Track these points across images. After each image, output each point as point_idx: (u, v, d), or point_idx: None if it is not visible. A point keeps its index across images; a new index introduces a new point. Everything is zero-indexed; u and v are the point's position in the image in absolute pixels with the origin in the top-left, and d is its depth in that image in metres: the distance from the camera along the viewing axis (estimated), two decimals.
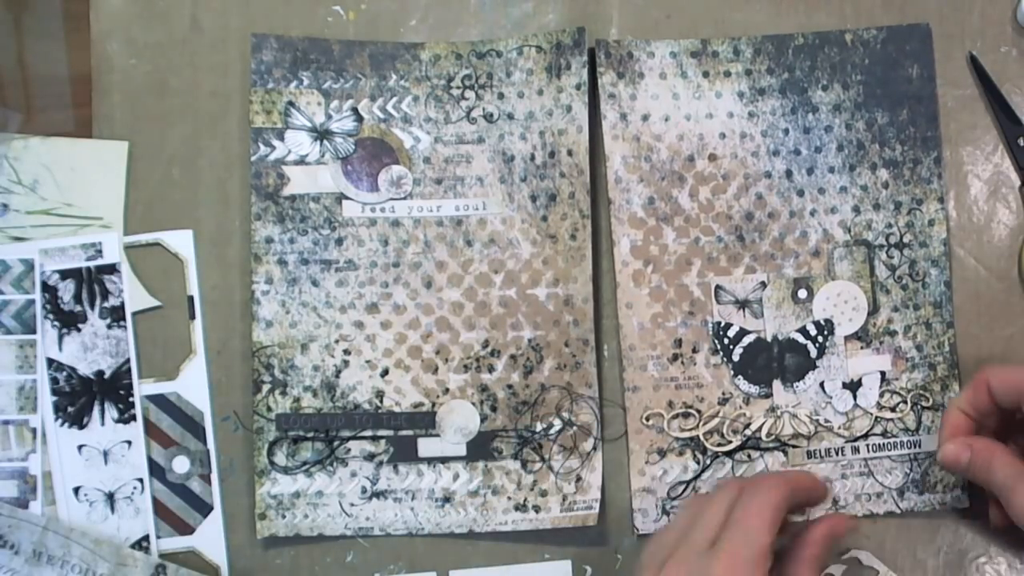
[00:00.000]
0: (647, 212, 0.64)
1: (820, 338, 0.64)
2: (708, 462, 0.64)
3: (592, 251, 0.63)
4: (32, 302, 0.63)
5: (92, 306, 0.63)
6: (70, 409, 0.63)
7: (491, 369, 0.64)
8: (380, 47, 0.65)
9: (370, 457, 0.63)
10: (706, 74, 0.65)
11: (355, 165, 0.64)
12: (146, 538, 0.63)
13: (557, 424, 0.63)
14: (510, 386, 0.64)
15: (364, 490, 0.63)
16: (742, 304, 0.64)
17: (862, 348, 0.64)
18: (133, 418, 0.63)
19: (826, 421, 0.64)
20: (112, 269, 0.63)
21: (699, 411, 0.64)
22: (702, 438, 0.64)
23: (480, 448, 0.64)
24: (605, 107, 0.64)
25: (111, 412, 0.63)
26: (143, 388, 0.64)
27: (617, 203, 0.64)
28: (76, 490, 0.63)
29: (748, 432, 0.64)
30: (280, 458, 0.63)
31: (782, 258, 0.64)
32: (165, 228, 0.64)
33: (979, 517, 0.63)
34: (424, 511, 0.63)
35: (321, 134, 0.64)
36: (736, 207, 0.65)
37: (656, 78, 0.65)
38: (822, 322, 0.64)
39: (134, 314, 0.64)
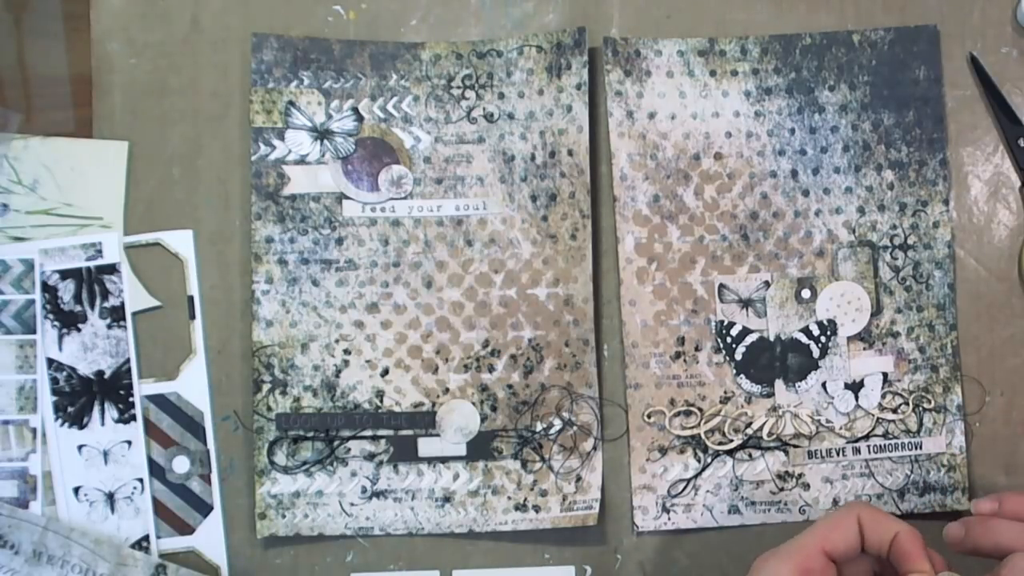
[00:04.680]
0: (652, 210, 0.64)
1: (823, 338, 0.64)
2: (709, 460, 0.64)
3: (592, 251, 0.63)
4: (32, 302, 0.63)
5: (92, 306, 0.63)
6: (70, 409, 0.63)
7: (491, 369, 0.64)
8: (380, 47, 0.65)
9: (370, 457, 0.63)
10: (713, 73, 0.65)
11: (355, 165, 0.64)
12: (146, 538, 0.63)
13: (557, 424, 0.63)
14: (510, 386, 0.64)
15: (364, 490, 0.63)
16: (745, 303, 0.64)
17: (865, 349, 0.64)
18: (133, 418, 0.63)
19: (827, 421, 0.64)
20: (112, 269, 0.63)
21: (701, 409, 0.64)
22: (703, 436, 0.64)
23: (480, 448, 0.63)
24: (611, 104, 0.64)
25: (111, 412, 0.63)
26: (143, 388, 0.64)
27: (622, 200, 0.64)
28: (76, 490, 0.63)
29: (749, 431, 0.64)
30: (280, 458, 0.63)
31: (786, 258, 0.64)
32: (165, 228, 0.64)
33: None
34: (424, 511, 0.63)
35: (321, 134, 0.64)
36: (741, 206, 0.64)
37: (663, 76, 0.64)
38: (825, 322, 0.64)
39: (134, 314, 0.64)
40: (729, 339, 0.64)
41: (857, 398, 0.64)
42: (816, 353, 0.64)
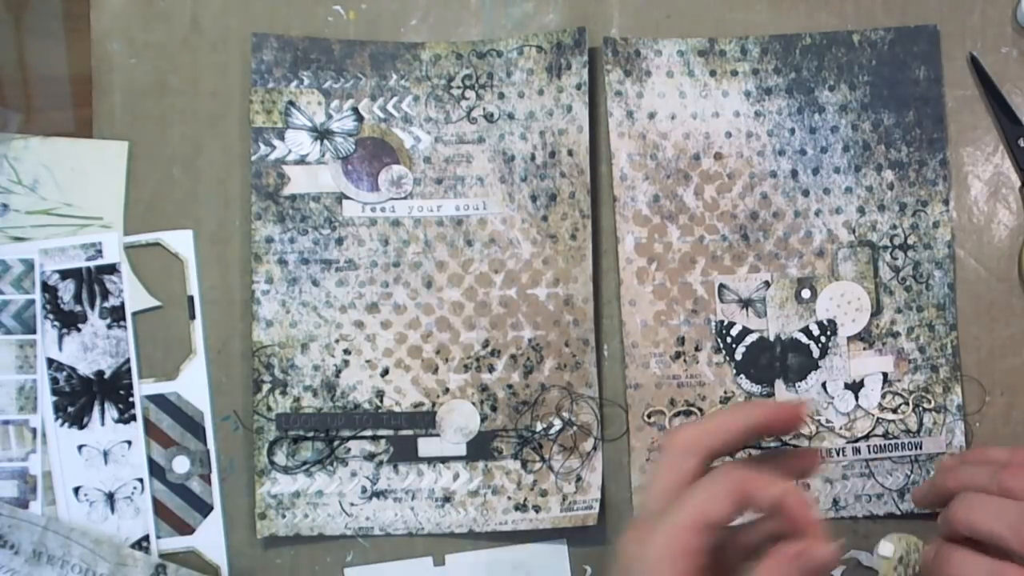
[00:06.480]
0: (652, 210, 0.64)
1: (823, 338, 0.64)
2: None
3: (592, 251, 0.63)
4: (32, 302, 0.63)
5: (92, 306, 0.63)
6: (70, 409, 0.63)
7: (491, 369, 0.64)
8: (380, 47, 0.65)
9: (370, 457, 0.63)
10: (713, 73, 0.65)
11: (355, 165, 0.64)
12: (146, 538, 0.63)
13: (557, 424, 0.63)
14: (510, 386, 0.64)
15: (364, 490, 0.63)
16: (745, 303, 0.64)
17: (865, 349, 0.64)
18: (133, 418, 0.63)
19: (827, 421, 0.64)
20: (112, 269, 0.63)
21: (701, 409, 0.64)
22: None
23: (480, 448, 0.63)
24: (611, 104, 0.64)
25: (111, 412, 0.63)
26: (143, 388, 0.64)
27: (622, 200, 0.64)
28: (76, 490, 0.63)
29: None
30: (280, 458, 0.63)
31: (786, 258, 0.64)
32: (165, 228, 0.64)
33: None
34: (424, 511, 0.63)
35: (321, 134, 0.64)
36: (741, 206, 0.64)
37: (663, 76, 0.64)
38: (825, 322, 0.64)
39: (134, 314, 0.64)
40: (729, 339, 0.64)
41: (857, 398, 0.64)
42: (816, 353, 0.64)
